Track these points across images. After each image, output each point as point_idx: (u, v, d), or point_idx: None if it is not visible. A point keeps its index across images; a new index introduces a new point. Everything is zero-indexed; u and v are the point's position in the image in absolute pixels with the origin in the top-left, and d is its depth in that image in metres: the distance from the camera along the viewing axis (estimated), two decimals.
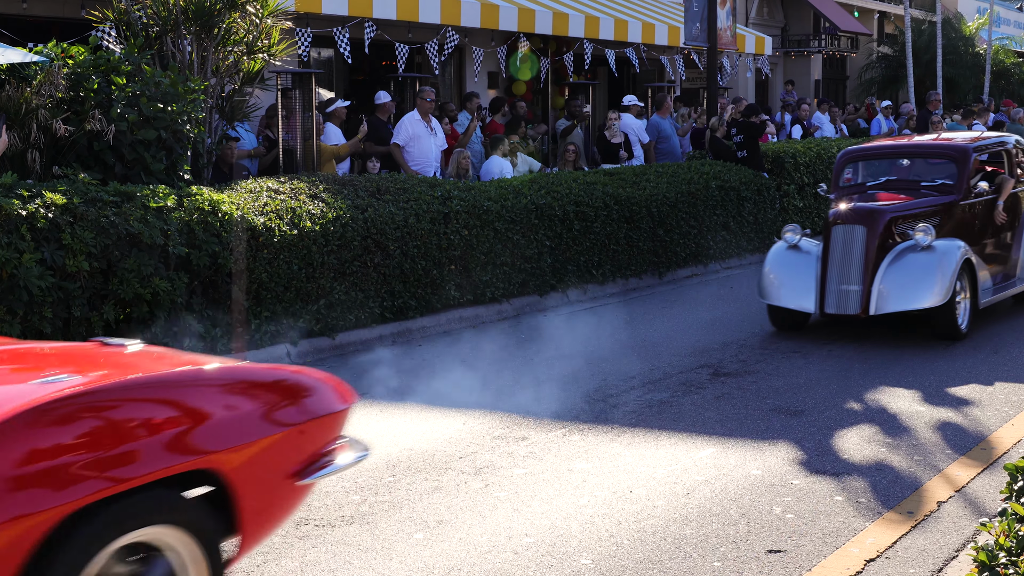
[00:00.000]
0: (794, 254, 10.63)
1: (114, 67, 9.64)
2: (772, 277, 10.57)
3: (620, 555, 5.50)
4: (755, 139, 16.15)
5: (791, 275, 10.46)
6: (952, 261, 10.05)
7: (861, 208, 10.51)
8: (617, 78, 22.72)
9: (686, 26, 18.46)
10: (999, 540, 3.93)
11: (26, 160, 9.15)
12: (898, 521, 5.90)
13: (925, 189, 11.17)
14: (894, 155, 11.76)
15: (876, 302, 10.04)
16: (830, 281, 10.22)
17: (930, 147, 11.92)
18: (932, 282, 9.94)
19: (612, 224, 13.20)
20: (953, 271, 9.98)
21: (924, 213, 10.70)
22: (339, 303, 10.30)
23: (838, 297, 10.16)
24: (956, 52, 30.06)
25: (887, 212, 10.47)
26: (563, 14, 18.89)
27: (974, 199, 11.11)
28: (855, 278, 10.13)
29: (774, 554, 5.48)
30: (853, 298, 10.10)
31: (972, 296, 10.40)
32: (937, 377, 8.94)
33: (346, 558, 5.51)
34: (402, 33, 16.94)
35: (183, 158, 9.97)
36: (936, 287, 9.93)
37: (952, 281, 9.94)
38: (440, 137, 14.24)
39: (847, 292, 10.13)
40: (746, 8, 28.56)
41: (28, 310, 8.12)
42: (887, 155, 11.78)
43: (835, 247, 10.28)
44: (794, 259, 10.58)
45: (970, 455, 6.99)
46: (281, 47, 11.41)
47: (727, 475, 6.64)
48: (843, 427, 7.60)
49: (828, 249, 10.32)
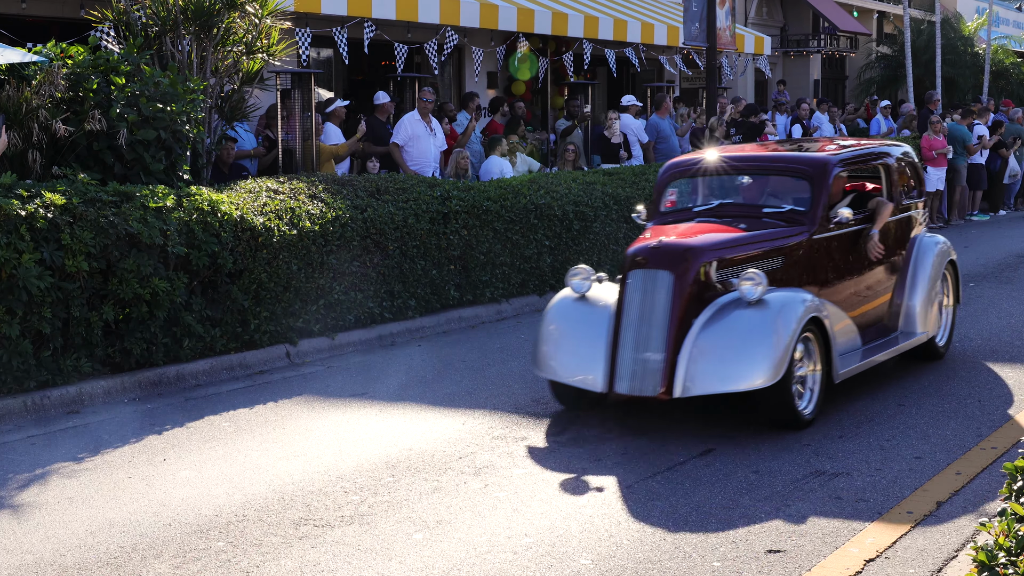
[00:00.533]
0: (583, 308, 7.91)
1: (113, 67, 9.63)
2: (550, 340, 7.92)
3: (620, 555, 5.50)
4: (754, 139, 16.17)
5: (575, 338, 7.80)
6: (789, 321, 7.41)
7: (668, 246, 7.66)
8: (616, 78, 22.72)
9: (685, 26, 18.46)
10: (999, 540, 3.93)
11: (26, 160, 9.15)
12: (898, 521, 5.90)
13: (769, 217, 8.45)
14: (731, 170, 9.00)
15: (684, 379, 7.30)
16: (623, 347, 7.49)
17: (777, 161, 9.07)
18: (757, 353, 7.30)
19: (612, 224, 13.20)
20: (790, 336, 7.33)
21: (759, 253, 8.04)
22: (338, 303, 10.30)
23: (633, 370, 7.43)
24: (955, 52, 30.07)
25: (704, 251, 7.71)
26: (562, 14, 18.89)
27: (835, 231, 8.44)
28: (656, 344, 7.41)
29: (774, 554, 5.48)
30: (652, 373, 7.37)
31: (825, 366, 7.77)
32: (937, 377, 8.93)
33: (345, 558, 5.50)
34: (401, 33, 16.93)
35: (182, 158, 9.97)
36: (762, 360, 7.25)
37: (787, 350, 7.28)
38: (440, 137, 14.25)
39: (645, 364, 7.41)
40: (745, 8, 28.57)
41: (27, 310, 8.12)
42: (722, 170, 8.95)
43: (631, 299, 7.58)
44: (582, 315, 7.88)
45: (970, 455, 6.99)
46: (280, 47, 11.41)
47: (726, 475, 6.64)
48: (843, 427, 7.59)
49: (623, 302, 7.62)
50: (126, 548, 5.68)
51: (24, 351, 8.16)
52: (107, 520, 6.06)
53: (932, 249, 9.48)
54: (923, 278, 9.23)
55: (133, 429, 7.85)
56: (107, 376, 8.73)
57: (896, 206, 9.13)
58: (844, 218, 8.36)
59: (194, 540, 5.77)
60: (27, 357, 8.20)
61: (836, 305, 8.25)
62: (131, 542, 5.76)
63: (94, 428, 7.88)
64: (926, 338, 9.18)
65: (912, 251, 9.38)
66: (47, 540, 5.81)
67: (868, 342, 8.66)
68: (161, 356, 9.01)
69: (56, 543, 5.76)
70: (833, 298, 8.28)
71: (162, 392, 8.83)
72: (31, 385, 8.26)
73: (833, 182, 8.50)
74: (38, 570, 5.44)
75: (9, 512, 6.22)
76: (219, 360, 9.37)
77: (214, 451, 7.25)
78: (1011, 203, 22.51)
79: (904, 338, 9.02)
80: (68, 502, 6.36)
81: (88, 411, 8.30)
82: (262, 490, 6.48)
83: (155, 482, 6.70)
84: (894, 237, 9.16)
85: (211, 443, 7.46)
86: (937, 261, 9.42)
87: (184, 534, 5.85)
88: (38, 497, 6.46)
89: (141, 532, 5.89)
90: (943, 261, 9.54)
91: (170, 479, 6.76)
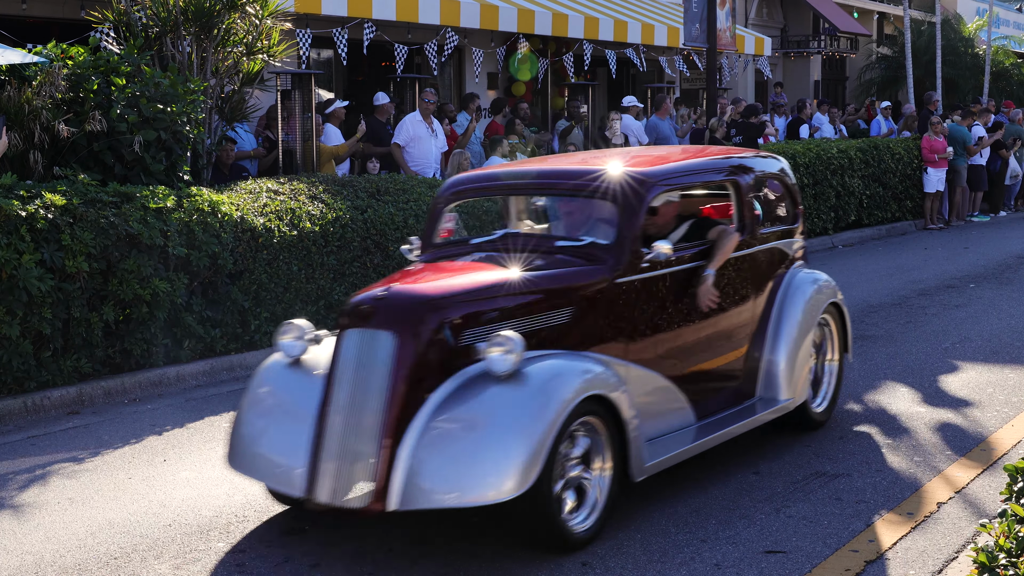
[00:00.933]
0: (292, 378, 5.89)
1: (114, 68, 9.64)
2: (248, 421, 5.91)
3: (619, 555, 5.49)
4: (754, 140, 16.16)
5: (277, 419, 5.78)
6: (550, 403, 5.35)
7: (395, 297, 5.62)
8: (616, 79, 22.73)
9: (685, 27, 18.46)
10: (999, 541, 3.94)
11: (27, 161, 9.15)
12: (898, 522, 5.90)
13: (564, 253, 6.32)
14: (523, 190, 7.12)
15: (403, 486, 5.21)
16: (329, 436, 5.41)
17: (578, 177, 6.65)
18: (500, 450, 5.22)
19: None
20: (548, 425, 5.26)
21: (533, 303, 5.88)
22: (339, 304, 10.30)
23: (338, 470, 5.34)
24: (955, 53, 30.07)
25: (444, 303, 5.64)
26: (562, 15, 18.90)
27: (650, 271, 6.29)
28: (370, 433, 5.33)
29: (774, 555, 5.48)
30: (362, 475, 5.30)
31: (619, 460, 5.74)
32: (936, 378, 8.93)
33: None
34: (401, 34, 16.94)
35: (183, 159, 9.97)
36: (507, 461, 5.19)
37: (542, 445, 5.21)
38: (441, 139, 14.25)
39: (353, 461, 5.33)
40: (745, 9, 28.57)
41: (27, 311, 8.13)
42: (512, 190, 7.17)
43: (344, 369, 5.53)
44: (289, 387, 5.85)
45: (970, 456, 6.99)
46: (281, 48, 11.41)
47: (726, 476, 6.64)
48: (843, 428, 7.59)
49: (333, 373, 5.56)
50: (126, 549, 5.68)
51: (24, 352, 8.16)
52: (107, 521, 6.07)
53: (805, 290, 7.44)
54: (789, 327, 7.21)
55: (133, 430, 7.85)
56: (107, 377, 8.73)
57: (750, 236, 7.06)
58: (662, 255, 6.22)
59: (194, 541, 5.77)
60: (27, 358, 8.20)
61: (652, 369, 6.26)
62: (131, 543, 5.76)
63: (94, 428, 7.89)
64: (793, 405, 7.16)
65: (779, 293, 7.34)
66: (47, 540, 5.81)
67: (707, 415, 6.68)
68: (161, 357, 9.01)
69: (56, 544, 5.76)
70: (649, 360, 6.26)
71: (162, 393, 8.83)
72: (31, 386, 8.27)
73: (655, 206, 6.61)
74: (38, 570, 5.44)
75: (9, 512, 6.22)
76: (219, 361, 9.38)
77: (214, 452, 7.25)
78: (1011, 204, 22.51)
79: (764, 406, 7.00)
80: (68, 502, 6.37)
81: (88, 411, 8.30)
82: (262, 491, 6.47)
83: (155, 483, 6.70)
84: (752, 275, 7.11)
85: (211, 444, 7.46)
86: (810, 305, 7.40)
87: (184, 535, 5.85)
88: (38, 497, 6.46)
89: (141, 533, 5.89)
90: (820, 305, 7.51)
91: (170, 480, 6.76)
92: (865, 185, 18.55)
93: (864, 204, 18.62)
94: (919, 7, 32.66)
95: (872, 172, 18.75)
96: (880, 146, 19.24)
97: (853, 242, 17.91)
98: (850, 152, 18.25)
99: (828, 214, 17.61)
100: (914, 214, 19.94)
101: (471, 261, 6.40)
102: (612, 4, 21.29)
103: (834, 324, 7.80)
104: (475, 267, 6.22)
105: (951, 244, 17.52)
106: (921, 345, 10.08)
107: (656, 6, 23.03)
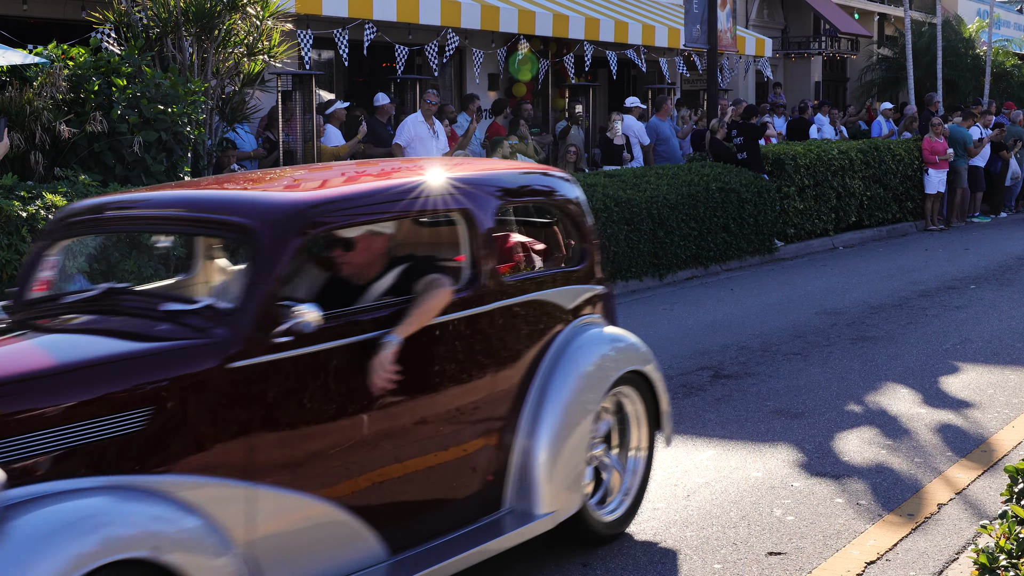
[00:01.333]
0: None
1: (114, 69, 9.65)
2: None
3: (620, 557, 5.50)
4: (755, 141, 16.16)
5: None
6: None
7: None
8: (617, 80, 22.73)
9: (686, 28, 18.47)
10: (999, 542, 3.94)
11: (29, 161, 9.16)
12: (899, 523, 5.90)
13: (169, 320, 4.39)
14: (135, 223, 5.23)
15: None
16: None
17: (205, 209, 4.77)
18: None
19: (612, 226, 13.19)
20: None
21: (76, 406, 3.88)
22: None
23: None
24: (956, 54, 30.06)
25: None
26: (563, 16, 18.90)
27: (289, 349, 4.28)
28: None
29: (774, 556, 5.48)
30: None
31: None
32: (937, 379, 8.93)
33: None
34: (402, 35, 16.94)
35: (183, 159, 9.98)
36: None
37: None
38: (442, 140, 14.26)
39: None
40: (746, 10, 28.57)
41: None
42: (121, 223, 5.26)
43: None
44: None
45: (970, 457, 6.99)
46: (281, 49, 11.42)
47: (727, 477, 6.64)
48: (843, 429, 7.59)
49: None
50: None
51: None
52: None
53: (586, 356, 5.48)
54: (553, 410, 5.25)
55: None
56: None
57: (489, 286, 5.06)
58: (305, 324, 4.24)
59: None
60: None
61: (298, 490, 4.32)
62: None
63: None
64: (555, 521, 5.22)
65: (543, 362, 5.36)
66: None
67: (413, 544, 4.70)
68: None
69: None
70: (293, 477, 4.31)
71: None
72: None
73: (291, 252, 4.39)
74: None
75: None
76: None
77: None
78: (1012, 205, 22.51)
79: (516, 522, 5.09)
80: None
81: None
82: None
83: None
84: (496, 339, 5.12)
85: None
86: (590, 377, 5.45)
87: None
88: None
89: None
90: (607, 376, 5.57)
91: None
92: (866, 186, 18.56)
93: (865, 205, 18.62)
94: (920, 8, 32.68)
95: (873, 173, 18.75)
96: (881, 147, 19.24)
97: (854, 243, 17.91)
98: (851, 153, 18.25)
99: (829, 215, 17.61)
100: (915, 215, 19.94)
101: (11, 337, 4.44)
102: (613, 5, 21.30)
103: (639, 401, 5.82)
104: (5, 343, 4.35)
105: (952, 245, 17.52)
106: (922, 346, 10.07)
107: (657, 7, 23.04)
